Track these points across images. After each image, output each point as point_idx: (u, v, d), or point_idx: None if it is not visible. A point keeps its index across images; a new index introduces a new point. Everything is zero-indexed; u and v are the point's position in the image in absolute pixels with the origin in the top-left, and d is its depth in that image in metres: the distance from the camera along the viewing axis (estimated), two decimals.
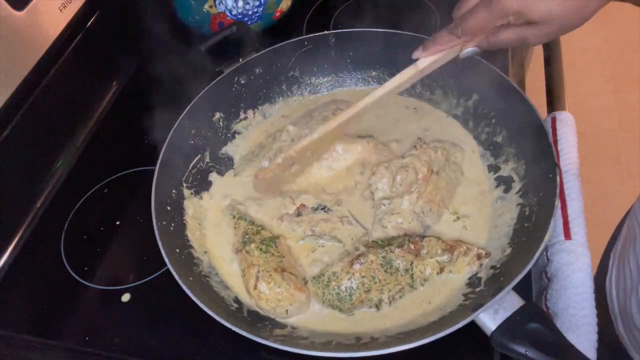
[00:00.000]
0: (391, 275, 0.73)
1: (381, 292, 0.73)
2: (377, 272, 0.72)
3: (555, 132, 0.91)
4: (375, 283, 0.72)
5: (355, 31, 0.99)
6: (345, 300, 0.72)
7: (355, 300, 0.72)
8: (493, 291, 0.65)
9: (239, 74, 0.96)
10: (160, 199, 0.80)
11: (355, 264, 0.72)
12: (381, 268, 0.73)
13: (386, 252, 0.73)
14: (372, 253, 0.73)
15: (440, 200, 0.82)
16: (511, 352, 0.61)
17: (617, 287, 0.83)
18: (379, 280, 0.72)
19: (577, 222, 0.81)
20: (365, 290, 0.72)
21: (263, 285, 0.72)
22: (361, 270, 0.72)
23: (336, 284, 0.72)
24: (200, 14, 1.08)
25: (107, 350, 0.73)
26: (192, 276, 0.74)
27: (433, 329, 0.64)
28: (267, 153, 0.90)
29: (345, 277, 0.72)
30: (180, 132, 0.88)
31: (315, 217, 0.83)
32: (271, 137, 0.94)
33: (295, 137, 0.90)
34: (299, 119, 0.95)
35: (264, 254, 0.76)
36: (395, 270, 0.73)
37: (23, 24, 0.85)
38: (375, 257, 0.73)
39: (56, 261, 0.84)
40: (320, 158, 0.88)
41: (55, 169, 0.96)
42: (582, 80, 2.52)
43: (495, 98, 0.89)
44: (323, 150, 0.87)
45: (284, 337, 0.69)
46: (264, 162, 0.89)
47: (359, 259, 0.73)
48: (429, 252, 0.74)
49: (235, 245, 0.80)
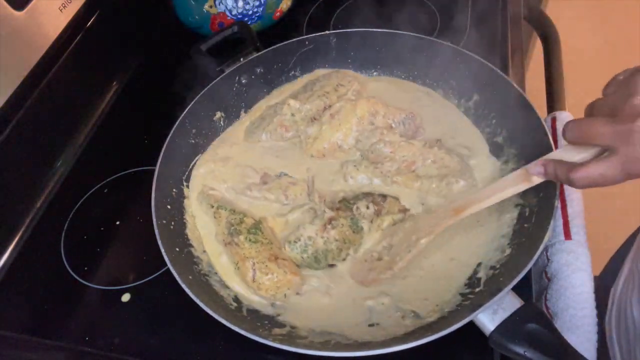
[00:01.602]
0: (357, 234, 0.80)
1: (348, 249, 0.79)
2: (347, 233, 0.79)
3: (555, 132, 0.91)
4: (346, 243, 0.79)
5: (356, 31, 0.99)
6: (321, 260, 0.78)
7: (330, 259, 0.78)
8: (492, 291, 0.65)
9: (240, 74, 0.96)
10: (161, 197, 0.80)
11: (328, 229, 0.78)
12: (349, 229, 0.79)
13: (353, 214, 0.81)
14: (342, 217, 0.79)
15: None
16: (510, 353, 0.61)
17: (618, 332, 0.81)
18: (349, 240, 0.79)
19: (577, 222, 0.81)
20: (338, 250, 0.78)
21: (261, 277, 0.74)
22: (335, 234, 0.78)
23: (313, 249, 0.77)
24: (200, 14, 1.08)
25: (107, 350, 0.73)
26: (192, 275, 0.74)
27: (432, 329, 0.64)
28: (267, 126, 0.92)
29: (321, 242, 0.77)
30: (181, 131, 0.88)
31: (283, 182, 0.85)
32: (272, 109, 0.95)
33: (296, 112, 0.91)
34: (300, 92, 0.96)
35: (254, 244, 0.77)
36: (361, 229, 0.80)
37: (23, 24, 0.85)
38: (345, 221, 0.79)
39: (56, 261, 0.84)
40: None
41: (55, 169, 0.96)
42: (582, 80, 2.52)
43: (496, 99, 0.89)
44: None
45: (283, 336, 0.69)
46: (263, 135, 0.92)
47: (331, 222, 0.78)
48: (388, 211, 0.82)
49: (222, 238, 0.80)
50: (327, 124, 0.89)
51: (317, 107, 0.92)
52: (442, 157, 0.84)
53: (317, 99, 0.92)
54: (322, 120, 0.90)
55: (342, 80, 0.96)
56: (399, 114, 0.90)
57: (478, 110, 0.92)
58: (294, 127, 0.92)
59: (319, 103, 0.92)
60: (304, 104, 0.92)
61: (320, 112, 0.92)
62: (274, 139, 0.92)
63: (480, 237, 0.79)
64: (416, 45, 0.95)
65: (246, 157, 0.91)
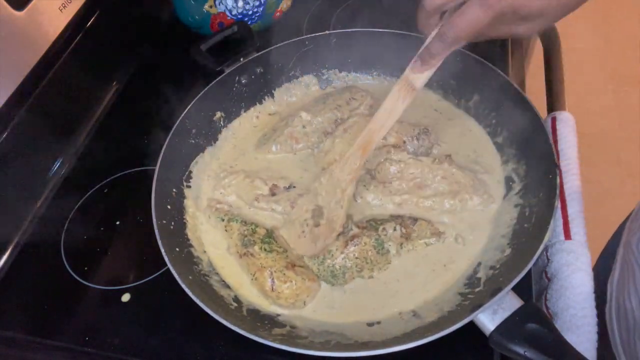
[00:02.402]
0: (382, 256, 0.77)
1: (371, 270, 0.76)
2: (370, 253, 0.76)
3: (555, 132, 0.91)
4: (367, 263, 0.76)
5: (356, 31, 0.99)
6: (339, 277, 0.76)
7: (348, 277, 0.76)
8: (492, 291, 0.65)
9: (240, 74, 0.96)
10: (161, 197, 0.80)
11: (350, 246, 0.75)
12: (373, 249, 0.76)
13: (379, 234, 0.77)
14: (366, 235, 0.76)
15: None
16: (510, 353, 0.62)
17: (618, 322, 0.81)
18: (371, 261, 0.76)
19: (577, 222, 0.81)
20: (357, 270, 0.76)
21: (280, 286, 0.73)
22: (355, 251, 0.75)
23: (331, 262, 0.75)
24: (200, 14, 1.08)
25: (107, 350, 0.73)
26: (192, 275, 0.74)
27: (432, 329, 0.64)
28: (278, 137, 0.92)
29: (339, 257, 0.75)
30: (181, 131, 0.88)
31: (291, 195, 0.84)
32: (284, 120, 0.95)
33: (307, 124, 0.91)
34: (312, 105, 0.95)
35: (270, 253, 0.76)
36: (387, 251, 0.77)
37: (23, 24, 0.85)
38: (369, 240, 0.76)
39: (56, 261, 0.84)
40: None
41: (55, 169, 0.96)
42: (582, 80, 2.52)
43: (496, 99, 0.89)
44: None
45: (283, 336, 0.69)
46: (273, 146, 0.91)
47: (353, 240, 0.76)
48: (418, 235, 0.78)
49: (236, 250, 0.80)
50: (339, 138, 0.88)
51: (329, 120, 0.92)
52: (452, 172, 0.83)
53: (329, 111, 0.92)
54: (335, 134, 0.89)
55: (355, 95, 0.95)
56: (412, 130, 0.88)
57: (478, 110, 0.92)
58: (304, 139, 0.92)
59: (331, 116, 0.92)
60: (316, 117, 0.92)
61: (332, 125, 0.92)
62: (284, 151, 0.92)
63: (480, 237, 0.79)
64: (416, 45, 0.95)
65: (255, 168, 0.91)
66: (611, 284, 0.85)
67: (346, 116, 0.92)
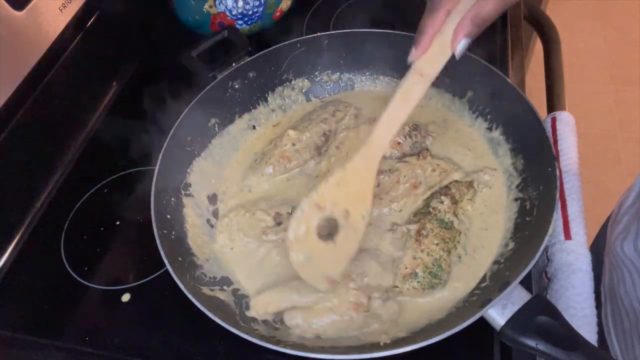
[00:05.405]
0: (452, 229, 0.76)
1: (455, 246, 0.75)
2: (442, 233, 0.74)
3: (555, 132, 0.91)
4: (447, 242, 0.74)
5: (348, 32, 0.98)
6: (438, 272, 0.72)
7: (445, 266, 0.72)
8: (499, 286, 0.65)
9: (233, 79, 0.95)
10: (160, 207, 0.79)
11: (422, 240, 0.73)
12: (441, 229, 0.75)
13: (431, 214, 0.76)
14: (427, 220, 0.75)
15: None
16: (521, 346, 0.61)
17: (614, 325, 0.82)
18: (449, 239, 0.74)
19: (577, 222, 0.81)
20: (446, 252, 0.73)
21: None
22: (431, 240, 0.73)
23: (423, 267, 0.72)
24: (200, 14, 1.08)
25: (107, 350, 0.73)
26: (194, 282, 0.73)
27: (442, 327, 0.63)
28: (270, 159, 0.90)
29: (425, 256, 0.72)
30: (176, 141, 0.86)
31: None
32: (272, 143, 0.94)
33: (296, 141, 0.90)
34: (298, 123, 0.95)
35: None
36: (451, 223, 0.76)
37: (23, 24, 0.85)
38: (431, 224, 0.75)
39: (56, 261, 0.84)
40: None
41: (56, 169, 0.96)
42: (582, 80, 2.53)
43: (496, 99, 0.88)
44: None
45: (294, 342, 0.68)
46: (266, 169, 0.89)
47: (420, 232, 0.74)
48: (460, 194, 0.79)
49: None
50: (334, 157, 0.88)
51: (317, 133, 0.91)
52: (438, 163, 0.84)
53: (315, 125, 0.91)
54: (329, 153, 0.89)
55: (339, 107, 0.95)
56: (403, 129, 0.88)
57: (472, 107, 0.92)
58: (295, 156, 0.90)
59: (319, 130, 0.91)
60: (304, 133, 0.91)
61: (322, 138, 0.91)
62: (278, 172, 0.89)
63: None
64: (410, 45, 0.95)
65: (252, 199, 0.87)
66: (604, 286, 0.85)
67: (334, 127, 0.92)
